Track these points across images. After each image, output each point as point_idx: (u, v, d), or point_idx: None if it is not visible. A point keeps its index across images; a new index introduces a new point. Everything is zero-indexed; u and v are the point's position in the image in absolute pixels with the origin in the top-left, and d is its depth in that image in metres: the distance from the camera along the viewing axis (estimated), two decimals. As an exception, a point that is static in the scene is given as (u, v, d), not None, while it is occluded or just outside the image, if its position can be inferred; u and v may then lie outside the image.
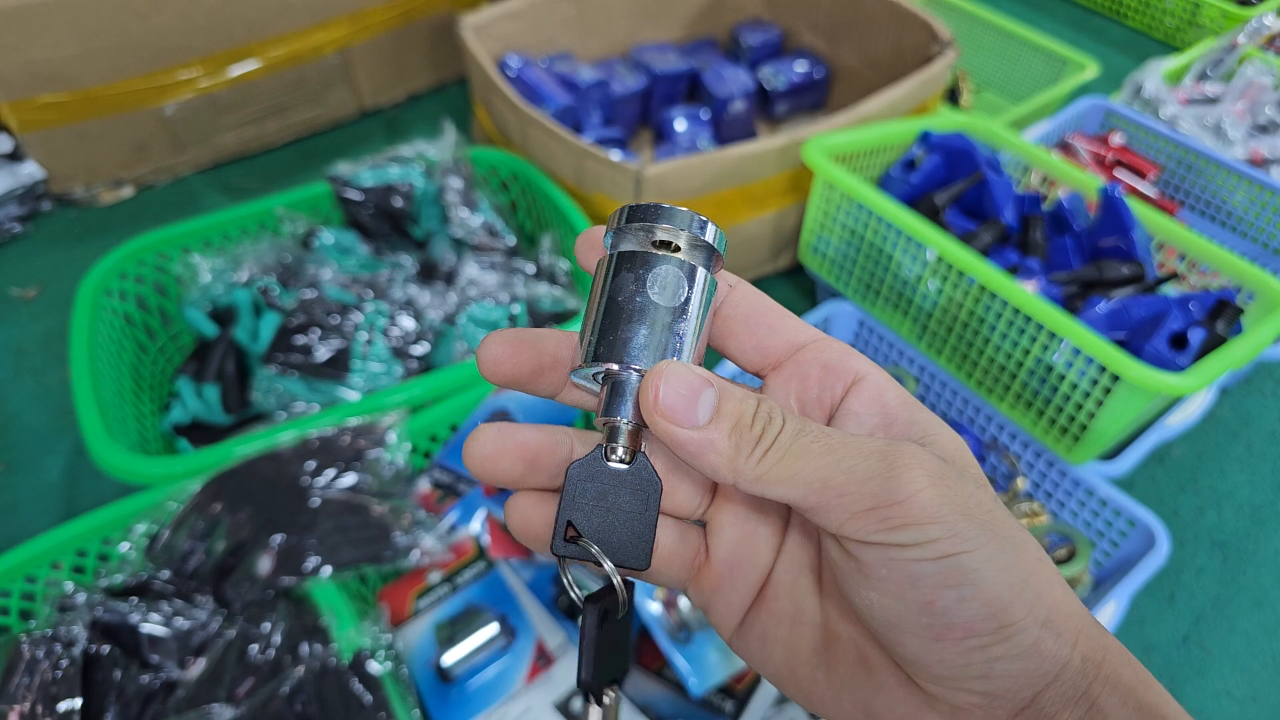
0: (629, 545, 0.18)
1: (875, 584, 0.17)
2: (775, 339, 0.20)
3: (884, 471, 0.17)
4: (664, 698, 0.51)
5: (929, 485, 0.17)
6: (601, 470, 0.18)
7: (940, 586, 0.16)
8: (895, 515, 0.16)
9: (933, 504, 0.16)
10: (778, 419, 0.18)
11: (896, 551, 0.17)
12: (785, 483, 0.17)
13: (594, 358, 0.18)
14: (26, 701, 0.42)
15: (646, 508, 0.18)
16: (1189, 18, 1.23)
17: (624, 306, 0.18)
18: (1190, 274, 0.70)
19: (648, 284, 0.18)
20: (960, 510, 0.17)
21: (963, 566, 0.16)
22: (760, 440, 0.17)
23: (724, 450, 0.17)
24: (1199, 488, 0.73)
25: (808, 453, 0.17)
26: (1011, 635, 0.16)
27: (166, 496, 0.51)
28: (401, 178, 0.73)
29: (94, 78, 0.82)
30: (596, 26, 0.98)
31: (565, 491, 0.18)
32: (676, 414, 0.17)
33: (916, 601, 0.17)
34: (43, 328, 0.78)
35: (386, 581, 0.56)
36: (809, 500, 0.17)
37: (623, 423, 0.18)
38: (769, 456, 0.17)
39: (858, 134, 0.73)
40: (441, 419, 0.58)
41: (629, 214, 0.18)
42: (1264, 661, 0.62)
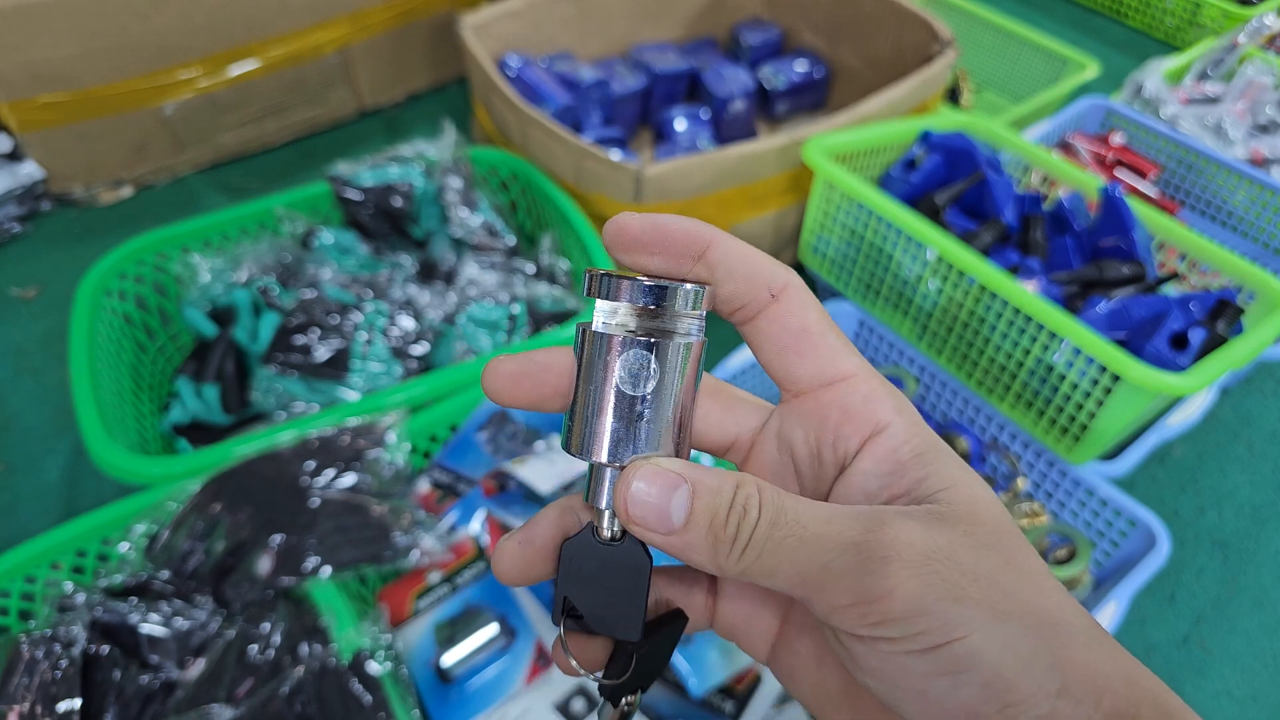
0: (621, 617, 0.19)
1: (870, 672, 0.17)
2: (803, 368, 0.19)
3: (859, 566, 0.16)
4: (664, 698, 0.50)
5: (911, 575, 0.16)
6: (592, 547, 0.19)
7: (931, 675, 0.16)
8: (876, 611, 0.16)
9: (916, 594, 0.16)
10: (753, 512, 0.17)
11: (885, 645, 0.16)
12: (768, 576, 0.17)
13: (573, 448, 0.18)
14: (26, 702, 0.42)
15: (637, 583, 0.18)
16: (1189, 17, 1.23)
17: (595, 395, 0.18)
18: (1191, 274, 0.70)
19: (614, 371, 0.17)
20: (950, 594, 0.16)
21: (955, 654, 0.15)
22: (736, 539, 0.17)
23: (704, 550, 0.17)
24: (1199, 488, 0.73)
25: (782, 548, 0.17)
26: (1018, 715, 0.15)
27: (166, 496, 0.51)
28: (401, 177, 0.72)
29: (94, 78, 0.82)
30: (596, 26, 0.98)
31: (561, 569, 0.19)
32: (650, 522, 0.17)
33: (909, 690, 0.16)
34: (42, 328, 0.78)
35: (386, 582, 0.56)
36: (794, 593, 0.17)
37: (603, 509, 0.18)
38: (747, 554, 0.17)
39: (858, 134, 0.73)
40: (441, 419, 0.58)
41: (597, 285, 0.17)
42: (1264, 661, 0.62)
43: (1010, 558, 0.17)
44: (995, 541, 0.17)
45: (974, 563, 0.16)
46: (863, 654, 0.16)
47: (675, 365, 0.17)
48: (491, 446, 0.59)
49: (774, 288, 0.19)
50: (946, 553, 0.16)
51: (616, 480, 0.18)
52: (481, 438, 0.59)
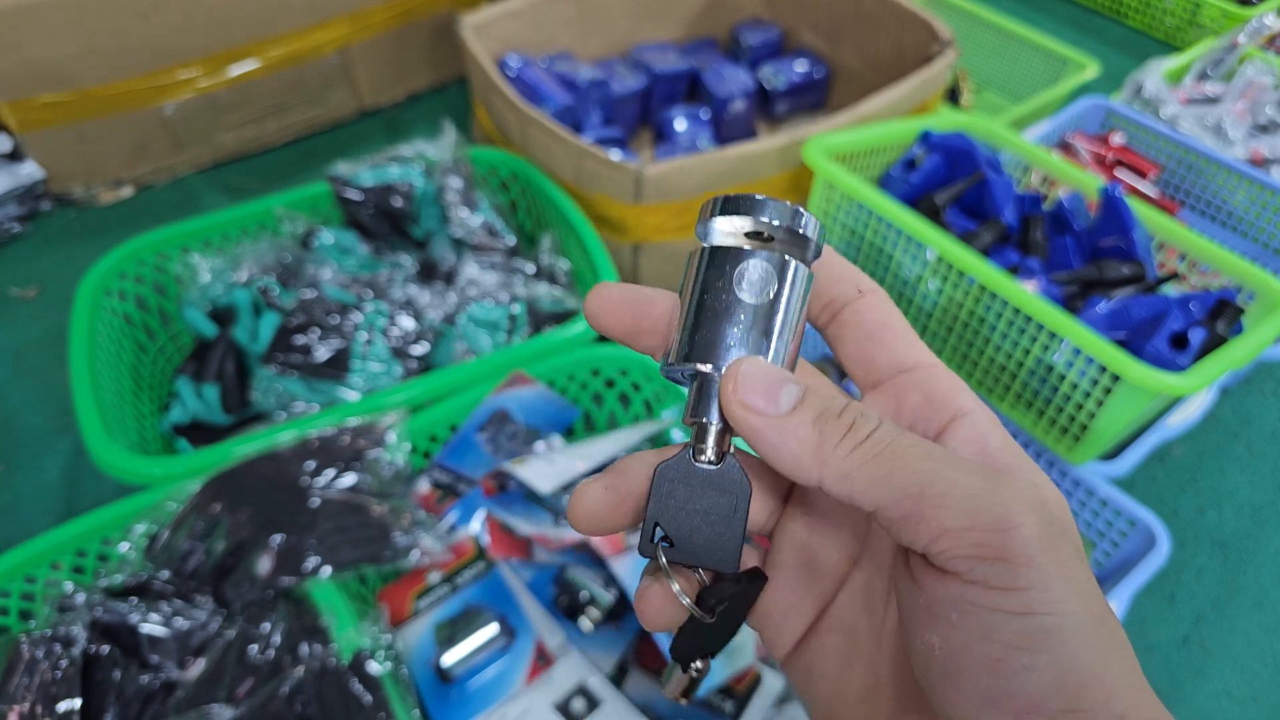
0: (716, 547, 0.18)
1: (942, 627, 0.15)
2: (883, 356, 0.19)
3: (990, 492, 0.15)
4: (664, 697, 0.51)
5: (1036, 524, 0.15)
6: (689, 471, 0.17)
7: (1013, 646, 0.14)
8: (992, 543, 0.14)
9: (1034, 545, 0.14)
10: (874, 417, 0.16)
11: (975, 592, 0.15)
12: (878, 482, 0.15)
13: (680, 357, 0.17)
14: (26, 702, 0.42)
15: (735, 509, 0.17)
16: (1189, 17, 1.23)
17: (711, 305, 0.17)
18: (1191, 274, 0.70)
19: (735, 281, 0.17)
20: (1057, 566, 0.15)
21: (1045, 630, 0.14)
22: (852, 431, 0.16)
23: (808, 438, 0.16)
24: (1199, 488, 0.73)
25: (908, 454, 0.16)
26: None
27: (166, 496, 0.51)
28: (401, 177, 0.72)
29: (94, 77, 0.82)
30: (596, 26, 0.98)
31: (653, 492, 0.18)
32: (756, 402, 0.16)
33: (983, 657, 0.15)
34: (42, 328, 0.78)
35: (386, 582, 0.56)
36: (901, 507, 0.15)
37: (710, 424, 0.17)
38: (861, 450, 0.16)
39: (858, 134, 0.73)
40: (441, 419, 0.58)
41: (721, 205, 0.17)
42: (1264, 661, 0.62)
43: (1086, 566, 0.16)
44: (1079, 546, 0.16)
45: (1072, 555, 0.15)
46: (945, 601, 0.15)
47: (792, 285, 0.17)
48: (491, 446, 0.59)
49: (862, 287, 0.19)
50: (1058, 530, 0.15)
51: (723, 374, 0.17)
52: (481, 438, 0.59)
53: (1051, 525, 0.15)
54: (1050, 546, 0.15)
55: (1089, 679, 0.14)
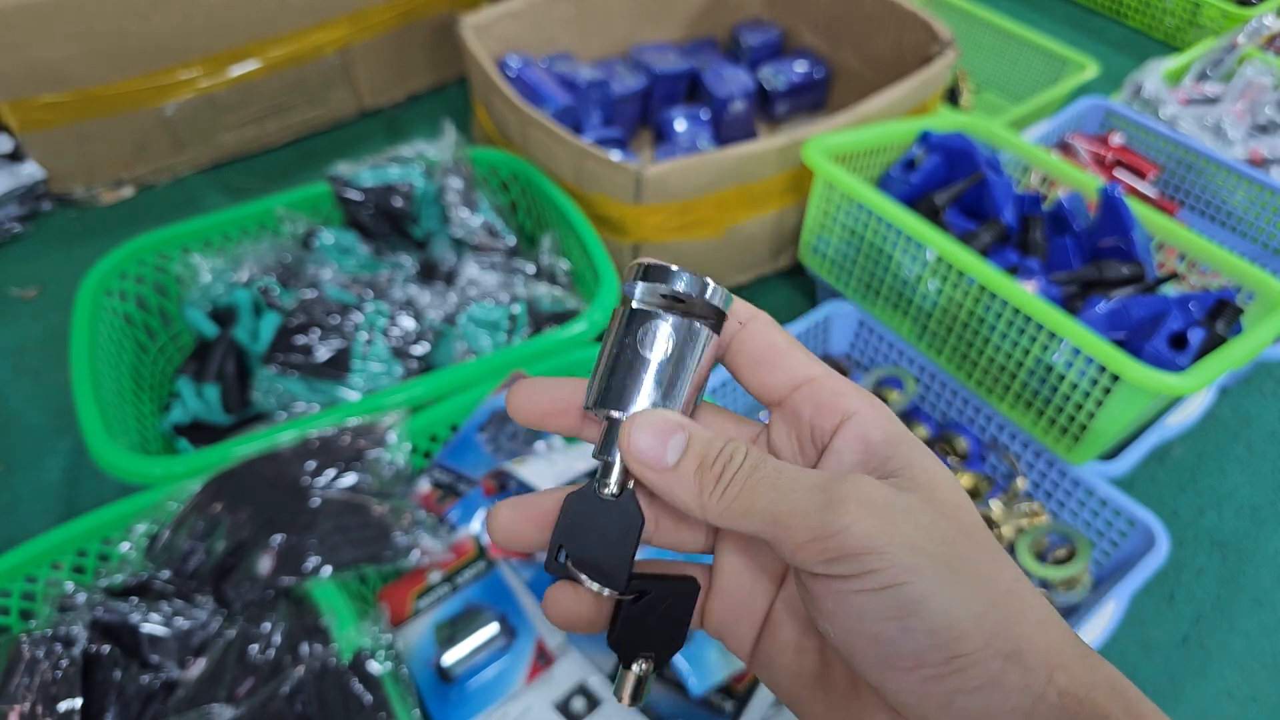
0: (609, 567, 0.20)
1: (827, 616, 0.18)
2: (776, 377, 0.21)
3: (822, 504, 0.17)
4: (664, 697, 0.51)
5: (867, 515, 0.17)
6: (593, 500, 0.20)
7: (883, 619, 0.17)
8: (832, 546, 0.17)
9: (869, 534, 0.17)
10: (738, 457, 0.19)
11: (839, 584, 0.17)
12: (744, 517, 0.18)
13: (594, 403, 0.20)
14: (27, 701, 0.42)
15: (627, 536, 0.20)
16: (1189, 18, 1.23)
17: (621, 358, 0.20)
18: (1190, 274, 0.70)
19: (640, 339, 0.20)
20: (903, 541, 0.17)
21: (904, 597, 0.16)
22: (720, 478, 0.19)
23: (690, 488, 0.19)
24: (1199, 488, 0.73)
25: (759, 488, 0.18)
26: (966, 668, 0.16)
27: (166, 496, 0.51)
28: (401, 178, 0.73)
29: (94, 78, 0.82)
30: (596, 26, 0.99)
31: (560, 518, 0.20)
32: (647, 457, 0.19)
33: (864, 633, 0.17)
34: (43, 328, 0.78)
35: (386, 581, 0.56)
36: (765, 533, 0.18)
37: (613, 461, 0.20)
38: (728, 492, 0.18)
39: (858, 134, 0.73)
40: (442, 419, 0.58)
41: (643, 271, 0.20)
42: (1264, 661, 0.62)
43: (967, 531, 0.18)
44: (953, 515, 0.18)
45: (929, 524, 0.17)
46: (821, 595, 0.18)
47: (693, 343, 0.20)
48: (492, 446, 0.59)
49: (741, 318, 0.21)
50: (904, 508, 0.17)
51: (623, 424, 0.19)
52: (482, 438, 0.59)
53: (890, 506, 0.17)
54: (888, 528, 0.17)
55: (965, 627, 0.16)
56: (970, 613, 0.16)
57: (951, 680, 0.16)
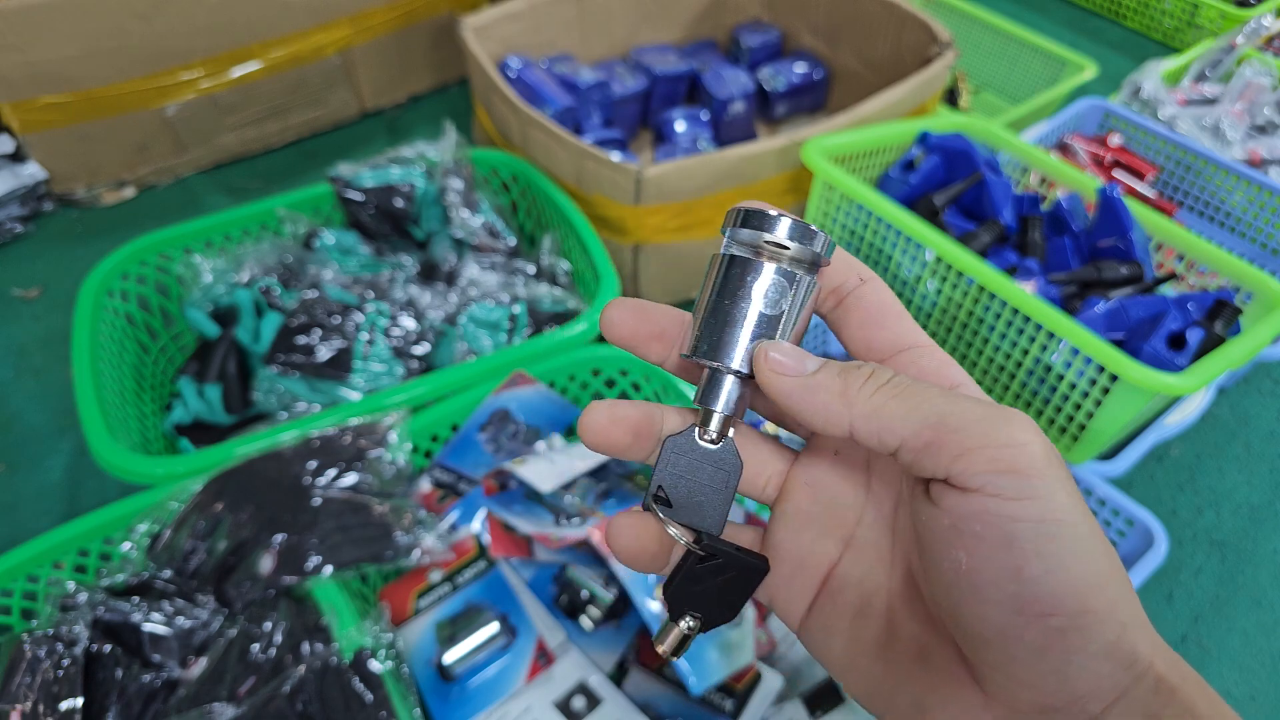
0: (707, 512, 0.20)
1: (967, 541, 0.17)
2: (882, 337, 0.21)
3: (999, 417, 0.17)
4: (664, 696, 0.51)
5: (1039, 442, 0.17)
6: (693, 447, 0.20)
7: (1033, 553, 0.16)
8: (1004, 458, 0.16)
9: (1041, 460, 0.16)
10: (890, 370, 0.19)
11: (995, 504, 0.16)
12: (901, 417, 0.17)
13: (697, 352, 0.20)
14: (28, 701, 0.43)
15: (727, 483, 0.20)
16: (1187, 19, 1.24)
17: (727, 309, 0.20)
18: (1188, 274, 0.71)
19: (749, 289, 0.19)
20: (1062, 483, 0.16)
21: (1058, 536, 0.16)
22: (873, 377, 0.18)
23: (834, 386, 0.18)
24: (1197, 487, 0.73)
25: (925, 393, 0.18)
26: (1092, 625, 0.16)
27: (168, 496, 0.51)
28: (402, 178, 0.73)
29: (95, 79, 0.82)
30: (597, 28, 0.99)
31: (660, 459, 0.20)
32: (787, 366, 0.19)
33: (1007, 565, 0.16)
34: (44, 328, 0.78)
35: (387, 580, 0.56)
36: (922, 436, 0.17)
37: (715, 410, 0.20)
38: (884, 390, 0.18)
39: (857, 135, 0.74)
40: (442, 419, 0.58)
41: (744, 217, 0.20)
42: (1262, 660, 0.62)
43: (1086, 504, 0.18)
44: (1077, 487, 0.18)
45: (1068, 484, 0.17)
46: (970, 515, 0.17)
47: (798, 295, 0.20)
48: (493, 446, 0.60)
49: (863, 275, 0.21)
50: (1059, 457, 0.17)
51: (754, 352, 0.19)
52: (483, 437, 0.59)
53: (1053, 449, 0.17)
54: (1053, 464, 0.17)
55: (1096, 584, 0.16)
56: (1103, 571, 0.16)
57: (1074, 638, 0.16)
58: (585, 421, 0.20)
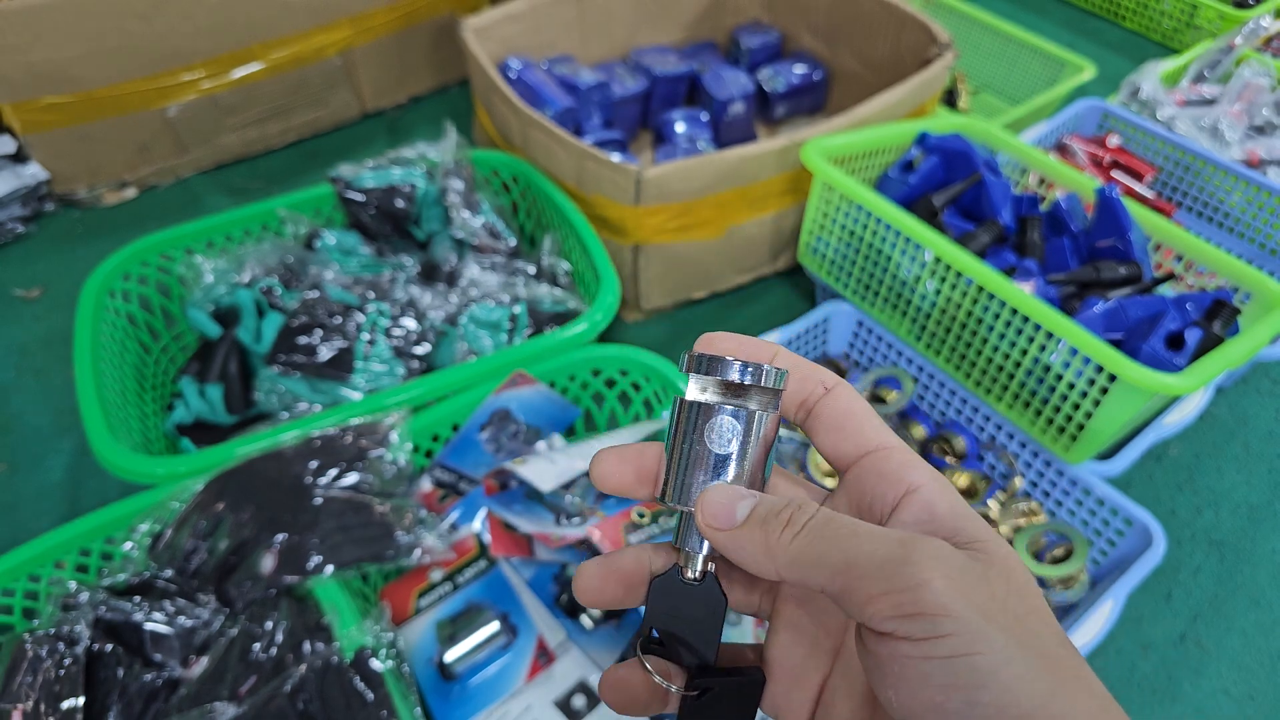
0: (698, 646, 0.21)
1: (891, 681, 0.17)
2: (848, 443, 0.21)
3: (900, 557, 0.17)
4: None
5: (944, 577, 0.16)
6: (678, 586, 0.21)
7: (950, 687, 0.16)
8: (906, 602, 0.16)
9: (946, 594, 0.16)
10: (809, 510, 0.19)
11: (907, 646, 0.16)
12: (815, 564, 0.18)
13: (665, 497, 0.21)
14: (30, 700, 0.43)
15: (714, 616, 0.21)
16: (1186, 19, 1.24)
17: (685, 452, 0.21)
18: (1187, 274, 0.71)
19: (706, 434, 0.21)
20: (978, 609, 0.16)
21: (975, 668, 0.16)
22: (790, 524, 0.19)
23: (758, 539, 0.19)
24: (1196, 487, 0.73)
25: (835, 537, 0.18)
26: None
27: (169, 496, 0.51)
28: (403, 179, 0.73)
29: (97, 79, 0.82)
30: (597, 29, 0.99)
31: (649, 602, 0.21)
32: (718, 519, 0.20)
33: (929, 701, 0.16)
34: (46, 328, 0.78)
35: (388, 580, 0.56)
36: (835, 583, 0.18)
37: (693, 551, 0.21)
38: (800, 539, 0.18)
39: (856, 136, 0.74)
40: (443, 418, 0.58)
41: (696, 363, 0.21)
42: (1261, 660, 0.62)
43: (1036, 610, 0.17)
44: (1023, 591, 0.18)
45: (1004, 597, 0.17)
46: (887, 658, 0.17)
47: (756, 431, 0.21)
48: (493, 446, 0.60)
49: (826, 384, 0.22)
50: (979, 576, 0.17)
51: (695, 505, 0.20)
52: (483, 437, 0.59)
53: (967, 572, 0.17)
54: (964, 593, 0.16)
55: (1032, 707, 0.16)
56: (1037, 693, 0.16)
57: None
58: (578, 584, 0.21)
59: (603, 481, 0.22)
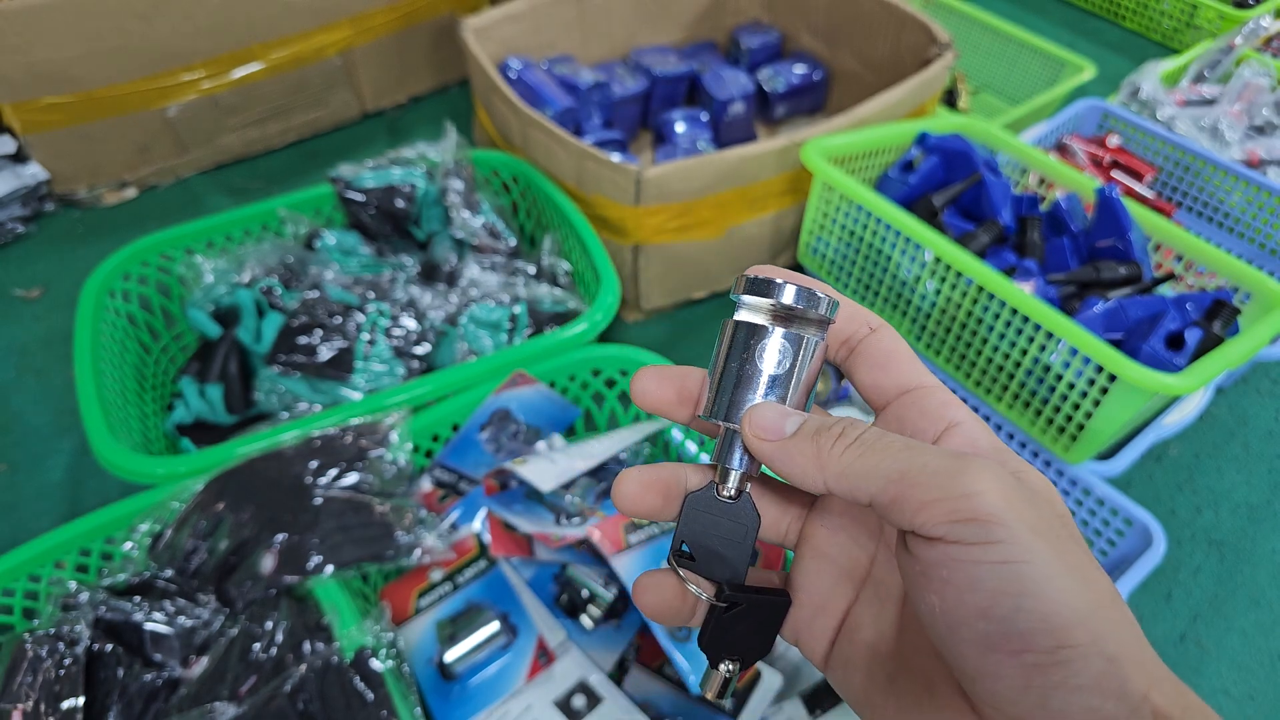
0: (728, 563, 0.22)
1: (937, 586, 0.17)
2: (889, 380, 0.22)
3: (956, 468, 0.17)
4: (664, 695, 0.51)
5: (998, 489, 0.17)
6: (712, 502, 0.22)
7: (998, 593, 0.16)
8: (961, 508, 0.17)
9: (998, 506, 0.17)
10: (860, 425, 0.20)
11: (958, 550, 0.17)
12: (867, 474, 0.18)
13: (711, 414, 0.21)
14: (30, 700, 0.43)
15: (746, 536, 0.22)
16: (1186, 19, 1.24)
17: (736, 372, 0.21)
18: (1187, 274, 0.71)
19: (756, 354, 0.21)
20: (1026, 523, 0.17)
21: (1022, 575, 0.16)
22: (842, 437, 0.19)
23: (808, 451, 0.19)
24: (1196, 487, 0.73)
25: (889, 448, 0.18)
26: (1072, 660, 0.16)
27: (169, 496, 0.51)
28: (403, 179, 0.73)
29: (97, 79, 0.82)
30: (597, 29, 0.99)
31: (682, 516, 0.22)
32: (767, 431, 0.20)
33: (974, 606, 0.17)
34: (46, 328, 0.78)
35: (388, 580, 0.56)
36: (887, 493, 0.18)
37: (731, 468, 0.21)
38: (851, 450, 0.19)
39: (856, 136, 0.74)
40: (443, 418, 0.58)
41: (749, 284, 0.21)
42: (1260, 660, 0.62)
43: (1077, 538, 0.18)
44: (1065, 520, 0.18)
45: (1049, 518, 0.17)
46: (935, 563, 0.17)
47: (805, 355, 0.21)
48: (493, 446, 0.60)
49: (872, 324, 0.22)
50: (1027, 497, 0.17)
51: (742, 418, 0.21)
52: (483, 437, 0.59)
53: (1017, 490, 0.17)
54: (1015, 507, 0.17)
55: (1074, 619, 0.16)
56: (1079, 606, 0.16)
57: (1054, 672, 0.16)
58: (619, 491, 0.21)
59: (642, 398, 0.22)
